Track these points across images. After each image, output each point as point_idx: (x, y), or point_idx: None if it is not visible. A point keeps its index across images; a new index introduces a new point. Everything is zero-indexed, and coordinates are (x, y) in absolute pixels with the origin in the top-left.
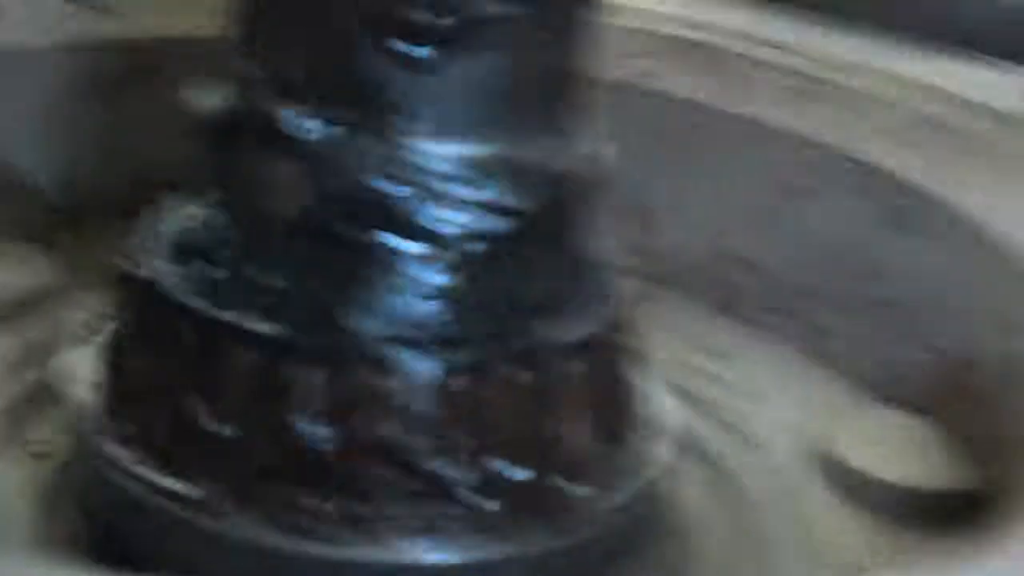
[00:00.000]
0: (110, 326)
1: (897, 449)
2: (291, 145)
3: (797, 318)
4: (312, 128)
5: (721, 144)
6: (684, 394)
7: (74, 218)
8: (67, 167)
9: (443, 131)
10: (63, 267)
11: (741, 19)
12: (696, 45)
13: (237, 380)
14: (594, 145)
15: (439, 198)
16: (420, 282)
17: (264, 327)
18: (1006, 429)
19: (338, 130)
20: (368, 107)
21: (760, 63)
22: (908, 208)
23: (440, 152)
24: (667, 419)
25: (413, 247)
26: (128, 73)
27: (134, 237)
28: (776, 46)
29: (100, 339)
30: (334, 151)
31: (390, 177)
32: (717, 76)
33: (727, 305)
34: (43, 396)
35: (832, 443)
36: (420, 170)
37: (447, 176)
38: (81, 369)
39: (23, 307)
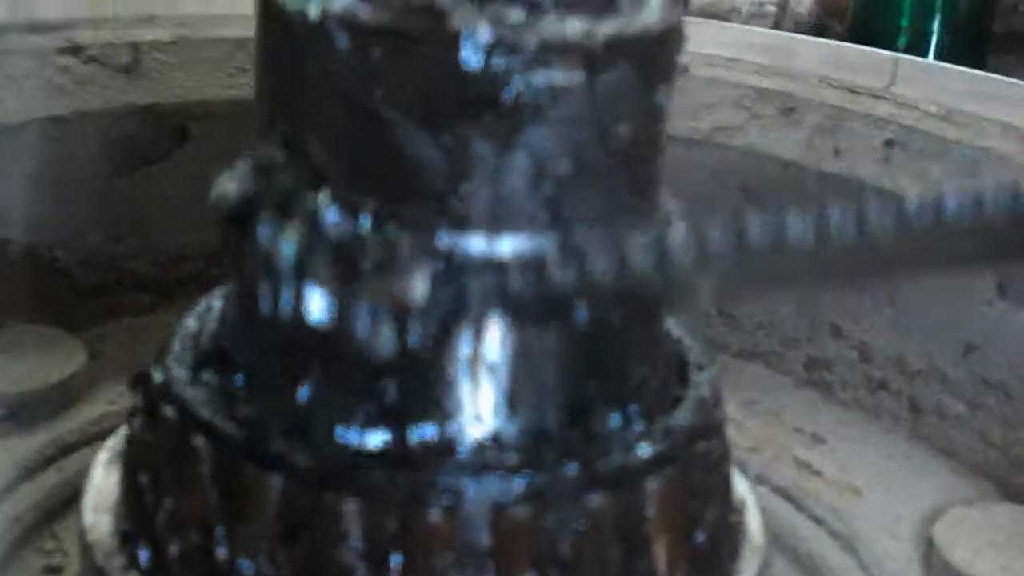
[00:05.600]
0: (129, 431)
1: (1012, 551)
2: (314, 237)
3: (896, 395)
4: (336, 218)
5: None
6: (777, 487)
7: (102, 297)
8: (92, 245)
9: (487, 222)
10: (91, 351)
11: (825, 56)
12: (778, 94)
13: (259, 508)
14: (662, 229)
15: (484, 299)
16: (464, 401)
17: (290, 450)
18: None
19: (365, 220)
20: (400, 195)
21: (847, 112)
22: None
23: (482, 247)
24: (757, 524)
25: (459, 360)
26: (154, 141)
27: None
28: (865, 92)
29: (119, 444)
30: (360, 245)
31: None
32: (802, 128)
33: (819, 379)
34: (61, 502)
35: (937, 544)
36: (460, 265)
37: (492, 273)
38: (98, 478)
39: (49, 399)
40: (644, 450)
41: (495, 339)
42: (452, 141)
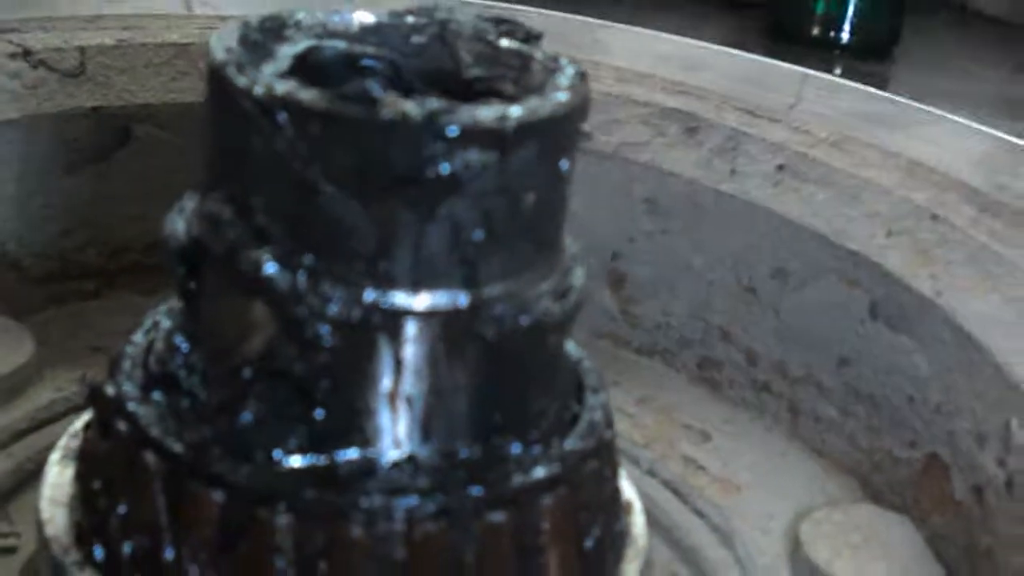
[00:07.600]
0: (85, 439)
1: (869, 552)
2: (254, 286)
3: (777, 397)
4: (275, 272)
5: (708, 219)
6: (666, 482)
7: (53, 288)
8: (43, 237)
9: (410, 280)
10: (38, 338)
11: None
12: (682, 113)
13: (202, 519)
14: (567, 278)
15: (402, 345)
16: (384, 428)
17: (229, 469)
18: (977, 536)
19: (302, 276)
20: (333, 255)
21: (746, 135)
22: (892, 303)
23: (405, 302)
24: (641, 525)
25: (376, 396)
26: (101, 140)
27: (113, 352)
28: (764, 115)
29: (72, 444)
30: (297, 297)
31: (350, 325)
32: (703, 148)
33: (708, 377)
34: (12, 487)
35: (802, 542)
36: (384, 318)
37: (413, 326)
38: (53, 475)
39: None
40: (540, 472)
41: (412, 376)
42: (380, 211)
